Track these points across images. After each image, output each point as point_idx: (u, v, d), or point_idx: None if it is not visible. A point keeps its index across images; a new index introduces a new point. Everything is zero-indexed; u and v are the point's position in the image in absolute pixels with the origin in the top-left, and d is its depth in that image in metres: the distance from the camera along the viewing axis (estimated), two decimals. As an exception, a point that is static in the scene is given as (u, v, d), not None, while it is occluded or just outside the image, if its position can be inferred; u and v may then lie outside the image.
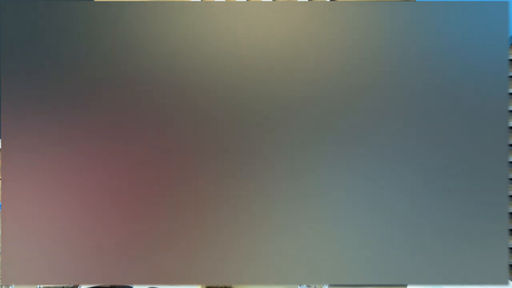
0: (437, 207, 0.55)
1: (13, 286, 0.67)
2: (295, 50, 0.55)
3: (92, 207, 0.55)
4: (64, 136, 0.55)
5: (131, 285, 0.63)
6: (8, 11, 0.55)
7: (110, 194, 0.55)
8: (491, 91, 0.55)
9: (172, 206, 0.55)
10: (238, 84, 0.55)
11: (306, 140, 0.55)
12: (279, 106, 0.55)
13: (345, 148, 0.55)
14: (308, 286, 0.64)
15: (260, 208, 0.55)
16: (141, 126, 0.55)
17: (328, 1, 0.57)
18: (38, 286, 0.67)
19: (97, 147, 0.55)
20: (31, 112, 0.55)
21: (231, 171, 0.55)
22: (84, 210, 0.55)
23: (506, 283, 0.55)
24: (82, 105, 0.55)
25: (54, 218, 0.55)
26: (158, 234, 0.55)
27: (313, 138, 0.55)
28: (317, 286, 0.64)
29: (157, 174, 0.55)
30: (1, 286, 0.63)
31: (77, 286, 0.67)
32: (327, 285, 0.67)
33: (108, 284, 0.56)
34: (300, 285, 0.65)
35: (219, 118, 0.55)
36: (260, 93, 0.55)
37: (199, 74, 0.55)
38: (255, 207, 0.55)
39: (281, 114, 0.55)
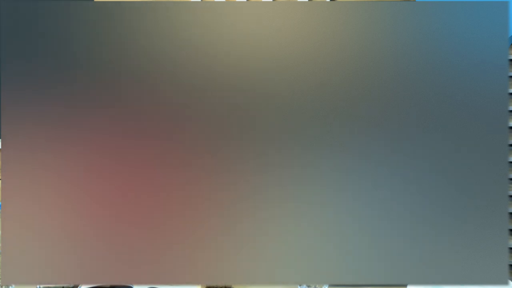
0: (437, 207, 0.55)
1: (13, 286, 0.67)
2: (295, 50, 0.55)
3: (92, 207, 0.55)
4: (64, 136, 0.55)
5: (131, 285, 0.63)
6: (8, 11, 0.55)
7: (110, 194, 0.55)
8: (491, 91, 0.55)
9: (172, 206, 0.55)
10: (238, 84, 0.55)
11: (307, 140, 0.55)
12: (279, 106, 0.55)
13: (346, 148, 0.55)
14: (308, 286, 0.64)
15: (260, 208, 0.55)
16: (140, 126, 0.55)
17: (328, 1, 0.57)
18: (38, 286, 0.67)
19: (97, 147, 0.55)
20: (31, 112, 0.55)
21: (231, 171, 0.55)
22: (84, 210, 0.55)
23: (506, 283, 0.55)
24: (82, 105, 0.55)
25: (54, 218, 0.55)
26: (158, 234, 0.55)
27: (314, 138, 0.55)
28: (317, 286, 0.64)
29: (157, 174, 0.55)
30: (1, 286, 0.63)
31: (77, 286, 0.67)
32: (327, 285, 0.67)
33: (108, 284, 0.56)
34: (300, 285, 0.65)
35: (219, 118, 0.55)
36: (260, 93, 0.55)
37: (198, 74, 0.55)
38: (255, 207, 0.55)
39: (281, 114, 0.55)
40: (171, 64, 0.55)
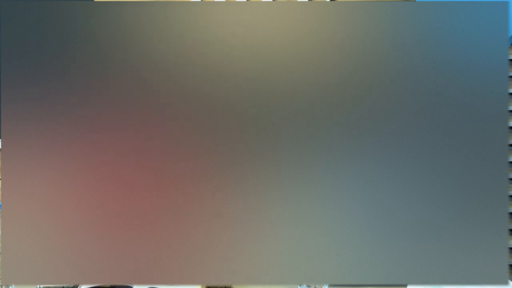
0: (437, 207, 0.55)
1: (13, 286, 0.67)
2: (295, 50, 0.55)
3: (92, 207, 0.55)
4: (64, 136, 0.55)
5: (131, 285, 0.63)
6: (8, 11, 0.55)
7: (110, 194, 0.55)
8: (491, 91, 0.55)
9: (172, 206, 0.55)
10: (237, 84, 0.55)
11: (306, 140, 0.55)
12: (278, 106, 0.55)
13: (346, 148, 0.55)
14: (308, 286, 0.64)
15: (260, 208, 0.55)
16: (140, 127, 0.55)
17: (328, 1, 0.57)
18: (38, 286, 0.67)
19: (96, 147, 0.55)
20: (31, 112, 0.55)
21: (230, 171, 0.55)
22: (84, 210, 0.55)
23: (506, 283, 0.55)
24: (82, 105, 0.55)
25: (54, 218, 0.55)
26: (158, 234, 0.55)
27: (313, 138, 0.55)
28: (317, 286, 0.64)
29: (157, 174, 0.55)
30: (1, 286, 0.63)
31: (77, 286, 0.67)
32: (327, 285, 0.67)
33: (108, 284, 0.56)
34: (300, 285, 0.65)
35: (219, 118, 0.55)
36: (259, 92, 0.55)
37: (198, 74, 0.55)
38: (255, 207, 0.55)
39: (280, 114, 0.55)
40: (171, 64, 0.55)
